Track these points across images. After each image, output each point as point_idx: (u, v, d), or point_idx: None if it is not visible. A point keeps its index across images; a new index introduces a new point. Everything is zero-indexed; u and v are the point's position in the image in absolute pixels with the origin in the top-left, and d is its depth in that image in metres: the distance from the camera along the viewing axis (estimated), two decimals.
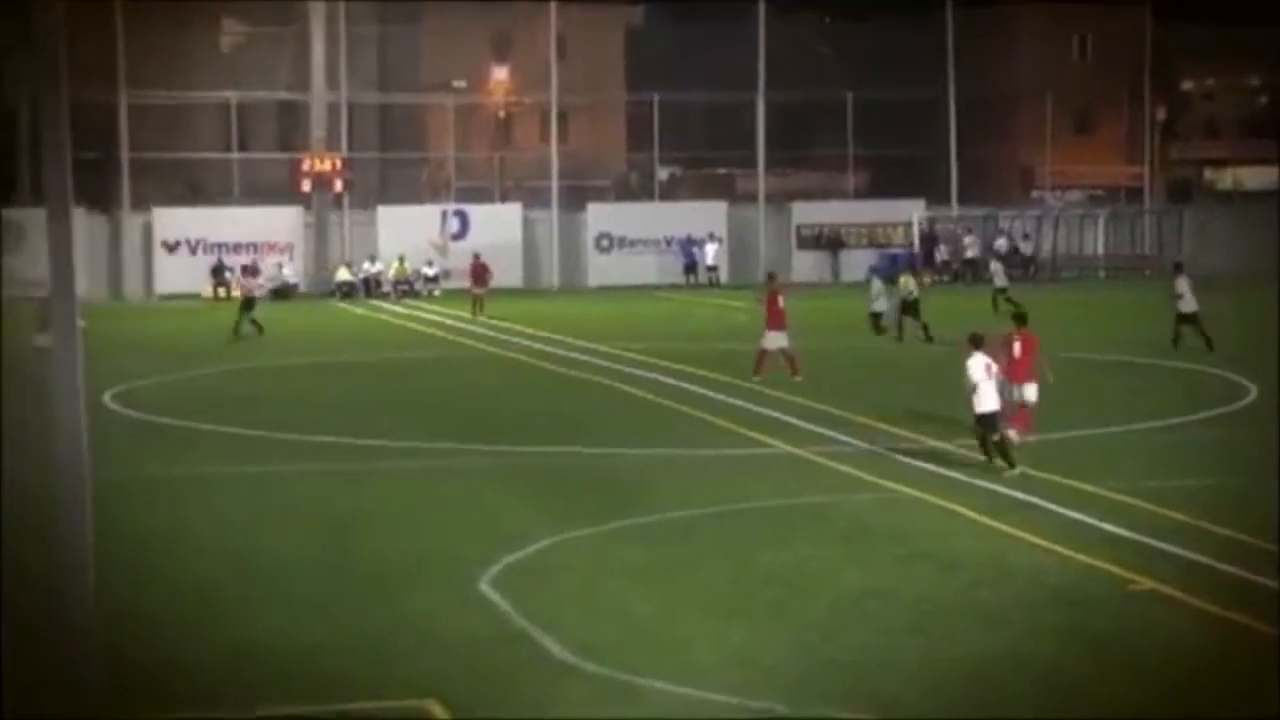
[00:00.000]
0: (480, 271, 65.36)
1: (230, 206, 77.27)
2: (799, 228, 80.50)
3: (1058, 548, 22.29)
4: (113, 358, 43.17)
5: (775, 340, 40.64)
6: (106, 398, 37.41)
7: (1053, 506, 25.02)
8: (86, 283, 54.71)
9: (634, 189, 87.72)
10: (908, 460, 29.14)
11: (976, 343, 28.05)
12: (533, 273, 78.01)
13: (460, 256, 72.07)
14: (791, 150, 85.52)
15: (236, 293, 73.60)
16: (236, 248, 75.53)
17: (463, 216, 77.83)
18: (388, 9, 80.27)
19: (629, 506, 25.61)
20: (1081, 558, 21.71)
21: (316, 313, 66.65)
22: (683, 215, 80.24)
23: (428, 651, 18.13)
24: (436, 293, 73.45)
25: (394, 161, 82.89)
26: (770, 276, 46.52)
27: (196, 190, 79.57)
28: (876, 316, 51.01)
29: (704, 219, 79.60)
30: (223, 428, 34.55)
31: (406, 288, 74.59)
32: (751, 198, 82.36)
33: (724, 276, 77.23)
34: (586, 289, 76.08)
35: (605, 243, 78.91)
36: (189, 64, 77.30)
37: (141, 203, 75.50)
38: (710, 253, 77.99)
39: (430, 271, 75.41)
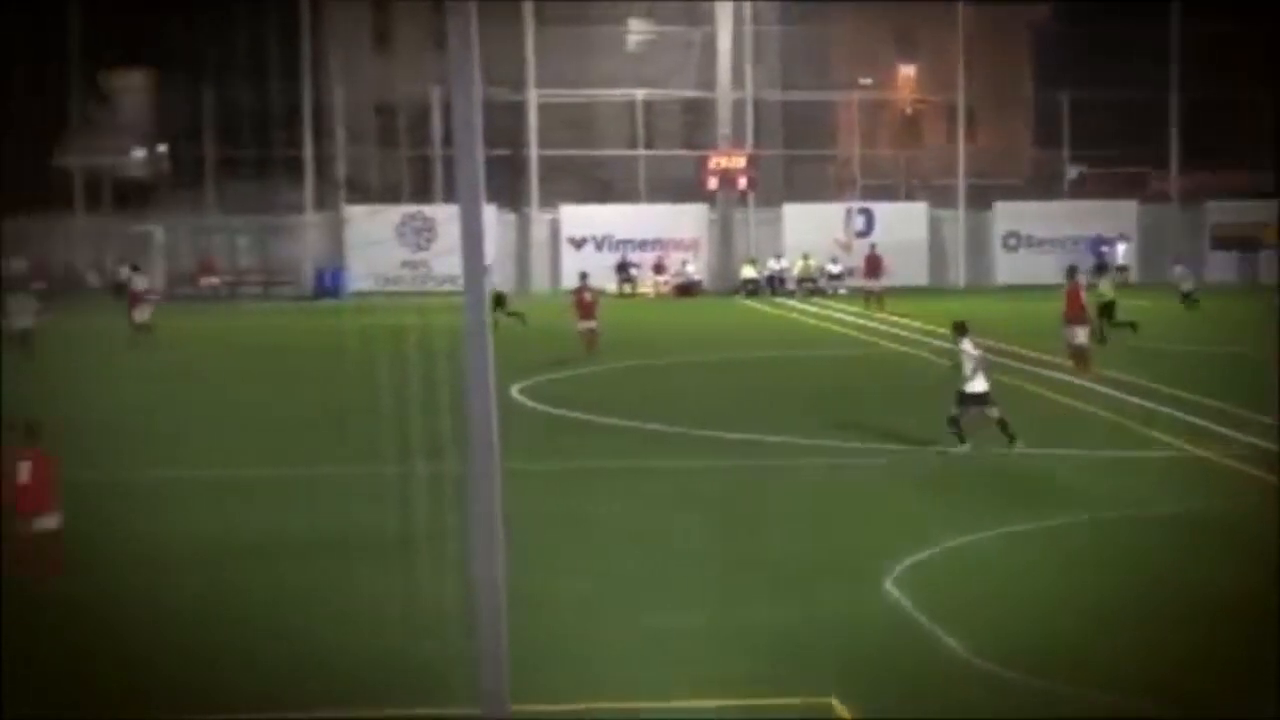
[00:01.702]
0: (874, 264, 64.92)
1: (636, 204, 78.27)
2: (1214, 227, 78.41)
3: None
4: (520, 352, 43.95)
5: (1073, 335, 42.15)
6: (514, 391, 38.11)
7: None
8: (496, 278, 55.84)
9: (1040, 187, 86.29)
10: None
11: (961, 329, 30.60)
12: (938, 271, 77.49)
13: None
14: (1205, 147, 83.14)
15: (644, 289, 74.73)
16: (642, 244, 76.51)
17: (868, 214, 77.61)
18: (794, 8, 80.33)
19: (1034, 508, 25.15)
20: None
21: (721, 310, 67.07)
22: (1092, 214, 78.75)
23: (831, 649, 18.02)
24: (841, 290, 73.34)
25: (799, 159, 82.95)
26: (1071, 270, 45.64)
27: (603, 188, 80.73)
28: None
29: (1113, 218, 78.10)
30: (628, 422, 34.90)
31: (811, 285, 74.65)
32: (1164, 197, 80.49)
33: (1134, 276, 75.54)
34: (992, 287, 75.19)
35: (1013, 241, 77.96)
36: (596, 63, 78.45)
37: (549, 200, 76.96)
38: (1120, 252, 76.41)
39: (835, 269, 75.38)
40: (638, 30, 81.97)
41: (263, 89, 73.98)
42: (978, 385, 30.12)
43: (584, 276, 51.29)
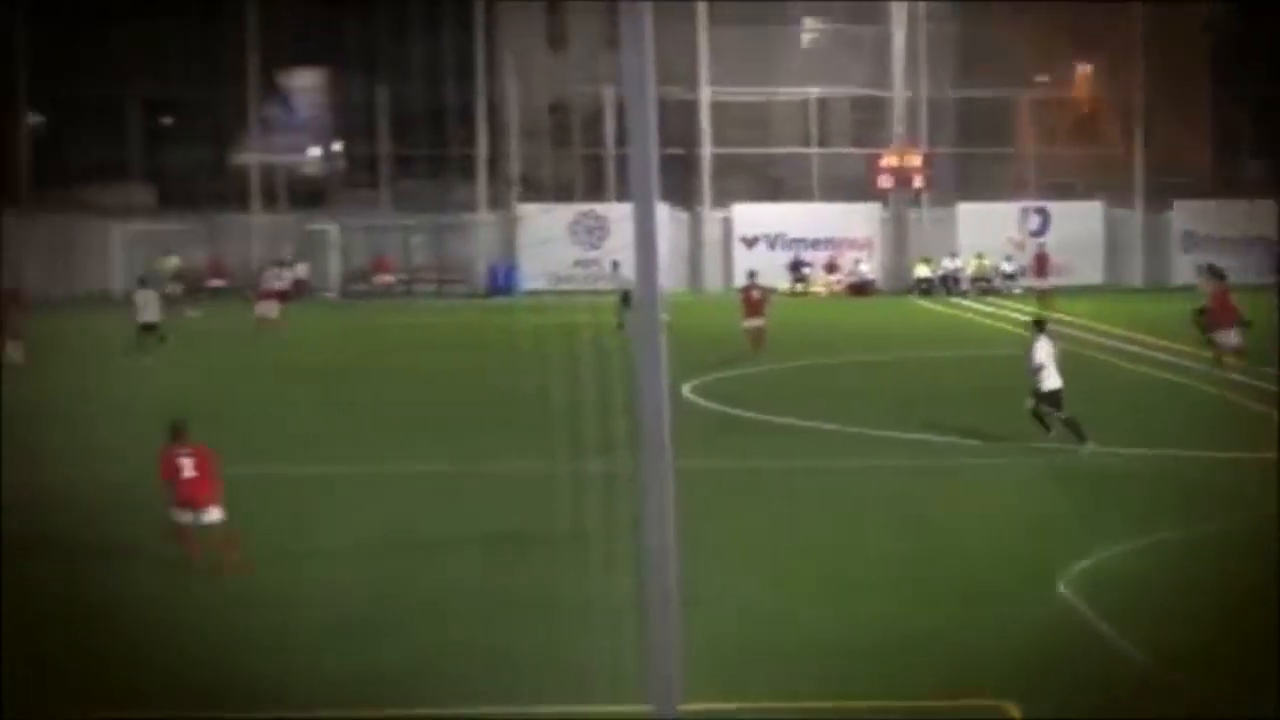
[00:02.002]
0: (1042, 263, 64.24)
1: (809, 202, 78.09)
2: None
3: None
4: (692, 350, 43.98)
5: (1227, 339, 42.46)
6: (685, 390, 38.14)
7: None
8: (668, 277, 56.08)
9: (1219, 187, 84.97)
10: None
11: (1040, 326, 31.61)
12: (1115, 270, 76.69)
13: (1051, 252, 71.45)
14: None
15: (816, 288, 74.61)
16: (814, 243, 76.33)
17: (1043, 213, 76.91)
18: (968, 5, 79.74)
19: (1214, 512, 24.77)
20: None
21: (894, 309, 66.76)
22: (1272, 214, 77.37)
23: (1005, 652, 17.87)
24: (1015, 289, 72.74)
25: (973, 157, 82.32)
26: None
27: (776, 186, 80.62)
28: None
29: None
30: (799, 421, 34.83)
31: (985, 284, 74.12)
32: None
33: None
34: (1170, 286, 74.21)
35: (1191, 240, 76.98)
36: (769, 61, 78.34)
37: (722, 199, 76.97)
38: None
39: (1009, 268, 74.76)
40: (811, 28, 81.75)
41: (437, 88, 74.66)
42: (1051, 383, 30.69)
43: (752, 275, 51.39)
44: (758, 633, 18.81)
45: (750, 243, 76.20)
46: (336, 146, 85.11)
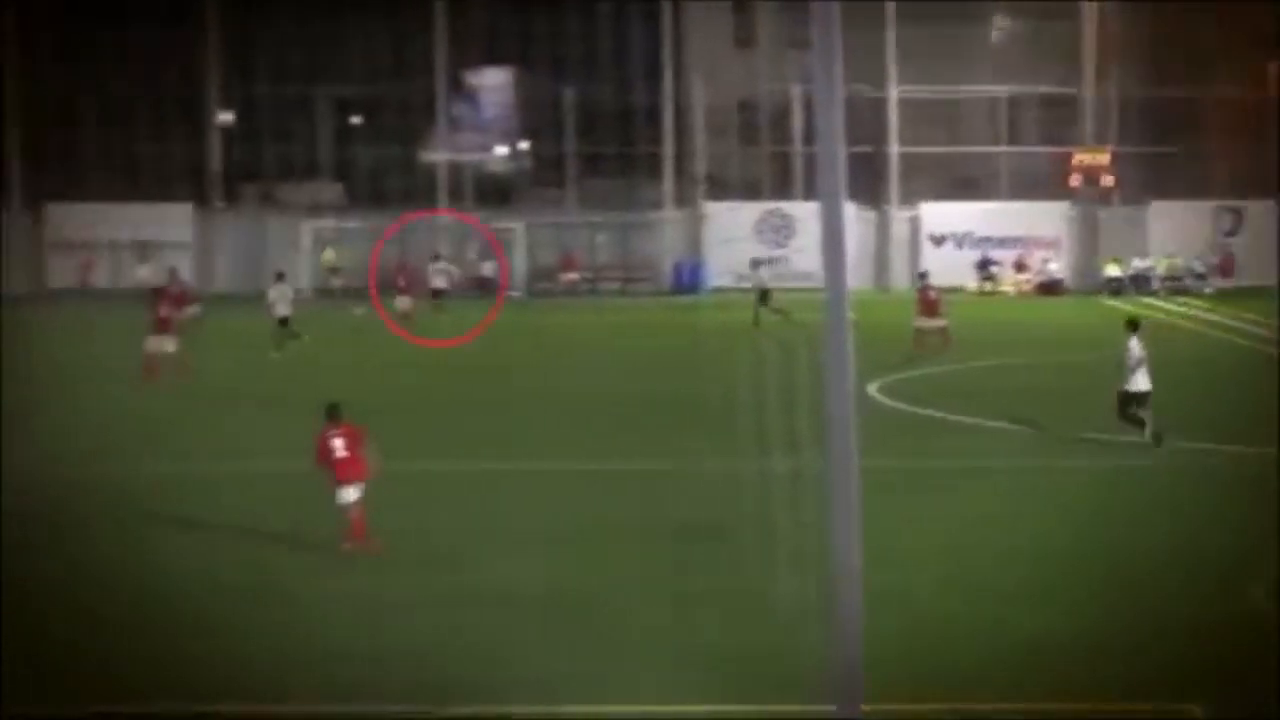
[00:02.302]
0: (1228, 264, 63.21)
1: (997, 201, 77.44)
2: None
3: None
4: (877, 349, 43.76)
5: None
6: (871, 389, 37.98)
7: None
8: (854, 275, 55.84)
9: None
10: None
11: (1134, 327, 31.89)
12: None
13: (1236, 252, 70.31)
14: None
15: (1005, 287, 74.00)
16: (1003, 242, 75.70)
17: (1236, 213, 75.71)
18: (1159, 5, 78.55)
19: None
20: None
21: (1082, 309, 66.02)
22: None
23: (1194, 655, 17.63)
24: (1207, 289, 71.67)
25: (1164, 156, 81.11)
26: None
27: (964, 185, 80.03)
28: None
29: None
30: (985, 421, 34.56)
31: (1175, 284, 73.08)
32: None
33: None
34: None
35: None
36: (957, 60, 77.75)
37: (910, 197, 76.56)
38: None
39: (1200, 268, 73.68)
40: (1000, 26, 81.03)
41: (624, 86, 74.92)
42: (1140, 384, 31.10)
43: (924, 275, 51.63)
44: (935, 629, 18.71)
45: (938, 241, 75.75)
46: (523, 145, 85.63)
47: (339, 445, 22.86)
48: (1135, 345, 31.47)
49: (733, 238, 75.05)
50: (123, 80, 75.25)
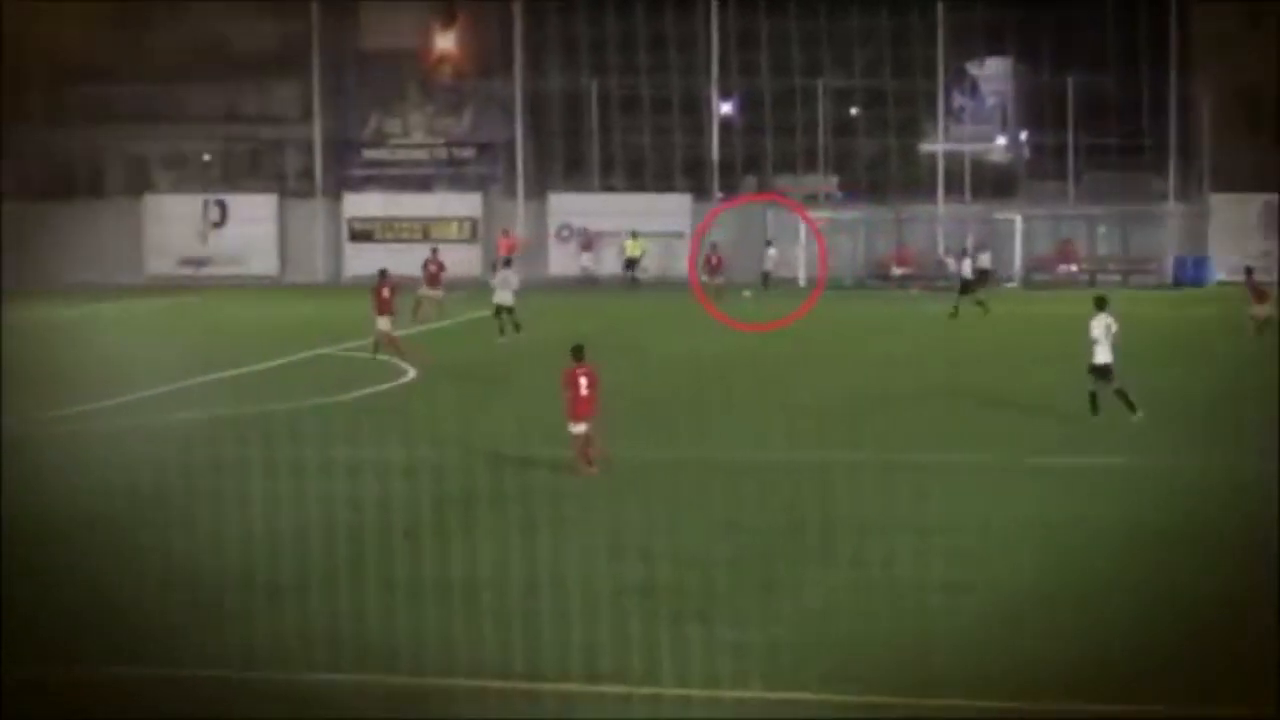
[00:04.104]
0: None
1: None
2: None
3: None
4: None
5: None
6: None
7: None
8: None
9: None
10: None
11: (1100, 304, 33.28)
12: None
13: None
14: None
15: None
16: None
17: None
18: None
19: None
20: None
21: None
22: None
23: None
24: None
25: None
26: None
27: None
28: None
29: None
30: None
31: None
32: None
33: None
34: None
35: None
36: None
37: None
38: None
39: None
40: None
41: (1127, 75, 73.32)
42: (1100, 357, 32.43)
43: None
44: None
45: None
46: (1022, 136, 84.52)
47: (583, 383, 26.85)
48: (1098, 320, 32.83)
49: (1238, 230, 72.67)
50: (629, 74, 76.84)
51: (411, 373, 41.15)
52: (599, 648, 17.33)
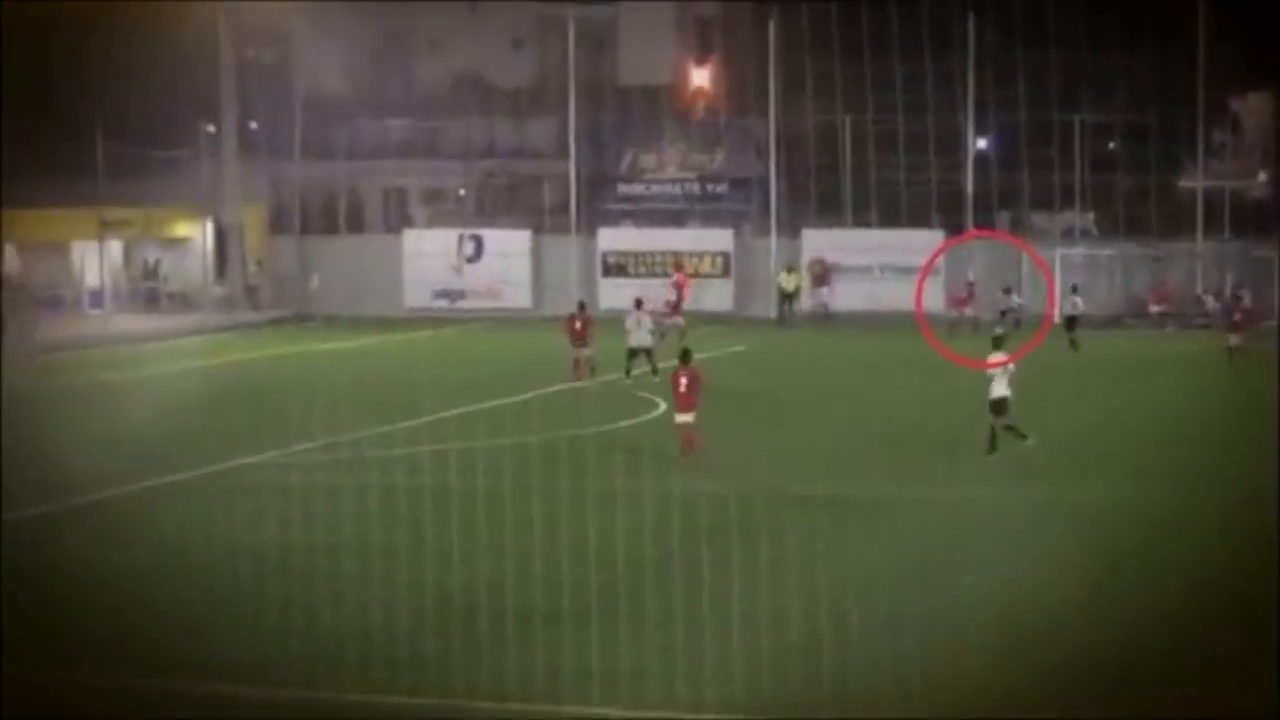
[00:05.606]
0: None
1: None
2: None
3: None
4: None
5: None
6: None
7: None
8: None
9: None
10: None
11: (997, 343, 35.40)
12: None
13: None
14: None
15: None
16: None
17: None
18: None
19: None
20: None
21: None
22: None
23: None
24: None
25: None
26: None
27: None
28: None
29: None
30: None
31: None
32: None
33: None
34: None
35: None
36: None
37: None
38: None
39: None
40: None
41: None
42: (996, 392, 33.85)
43: None
44: None
45: None
46: None
47: (684, 382, 32.78)
48: (994, 358, 34.28)
49: None
50: (882, 110, 76.84)
51: (662, 406, 41.57)
52: None
